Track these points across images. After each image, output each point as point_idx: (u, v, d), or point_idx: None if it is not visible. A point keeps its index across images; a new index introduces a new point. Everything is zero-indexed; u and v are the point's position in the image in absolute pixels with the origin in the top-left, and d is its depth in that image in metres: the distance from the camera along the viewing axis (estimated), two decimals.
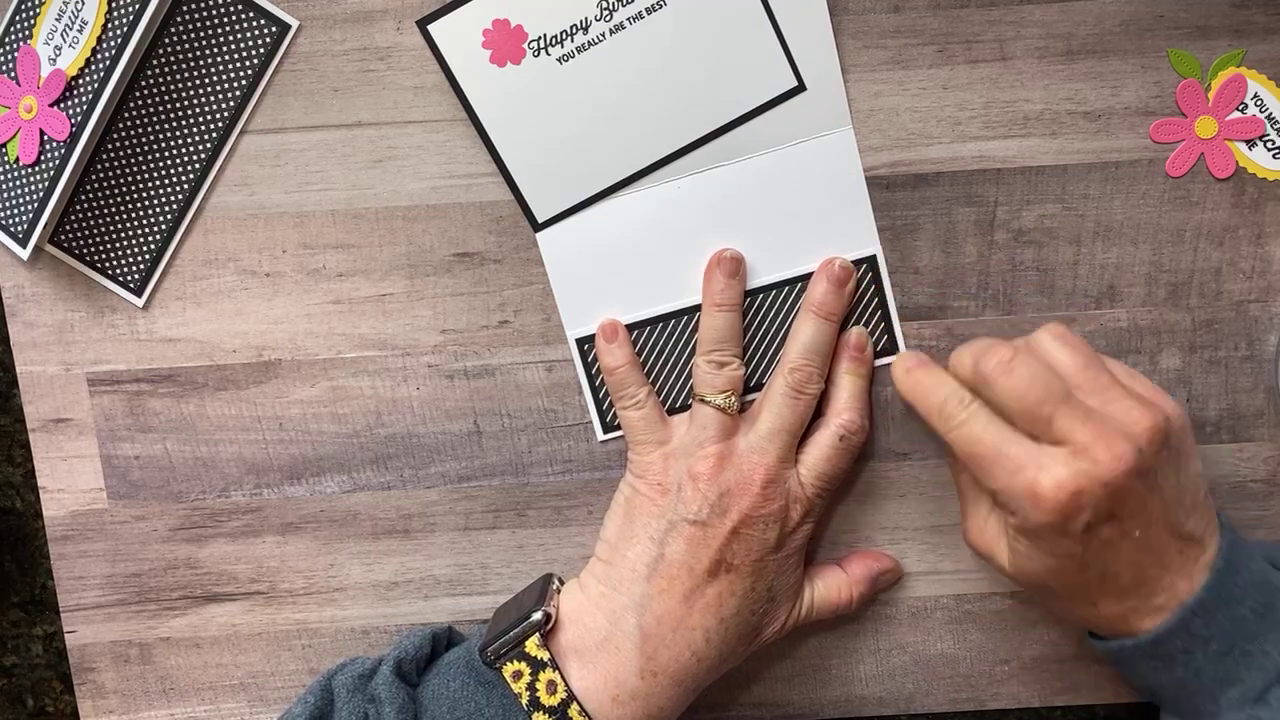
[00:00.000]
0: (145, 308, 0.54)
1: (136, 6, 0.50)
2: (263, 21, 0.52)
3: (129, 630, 0.57)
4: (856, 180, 0.52)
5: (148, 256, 0.54)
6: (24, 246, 0.52)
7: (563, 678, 0.48)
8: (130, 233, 0.54)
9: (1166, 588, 0.46)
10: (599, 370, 0.54)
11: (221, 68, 0.52)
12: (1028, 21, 0.51)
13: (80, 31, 0.50)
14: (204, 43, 0.52)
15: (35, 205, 0.52)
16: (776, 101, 0.52)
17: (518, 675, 0.48)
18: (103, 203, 0.53)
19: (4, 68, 0.52)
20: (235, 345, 0.55)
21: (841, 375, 0.52)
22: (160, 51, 0.52)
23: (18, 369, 0.55)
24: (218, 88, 0.52)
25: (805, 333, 0.51)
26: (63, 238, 0.54)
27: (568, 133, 0.52)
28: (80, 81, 0.51)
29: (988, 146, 0.52)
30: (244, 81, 0.52)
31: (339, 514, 0.56)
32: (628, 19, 0.51)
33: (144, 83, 0.52)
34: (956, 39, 0.52)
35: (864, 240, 0.53)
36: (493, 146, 0.52)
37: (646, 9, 0.51)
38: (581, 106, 0.52)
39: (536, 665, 0.48)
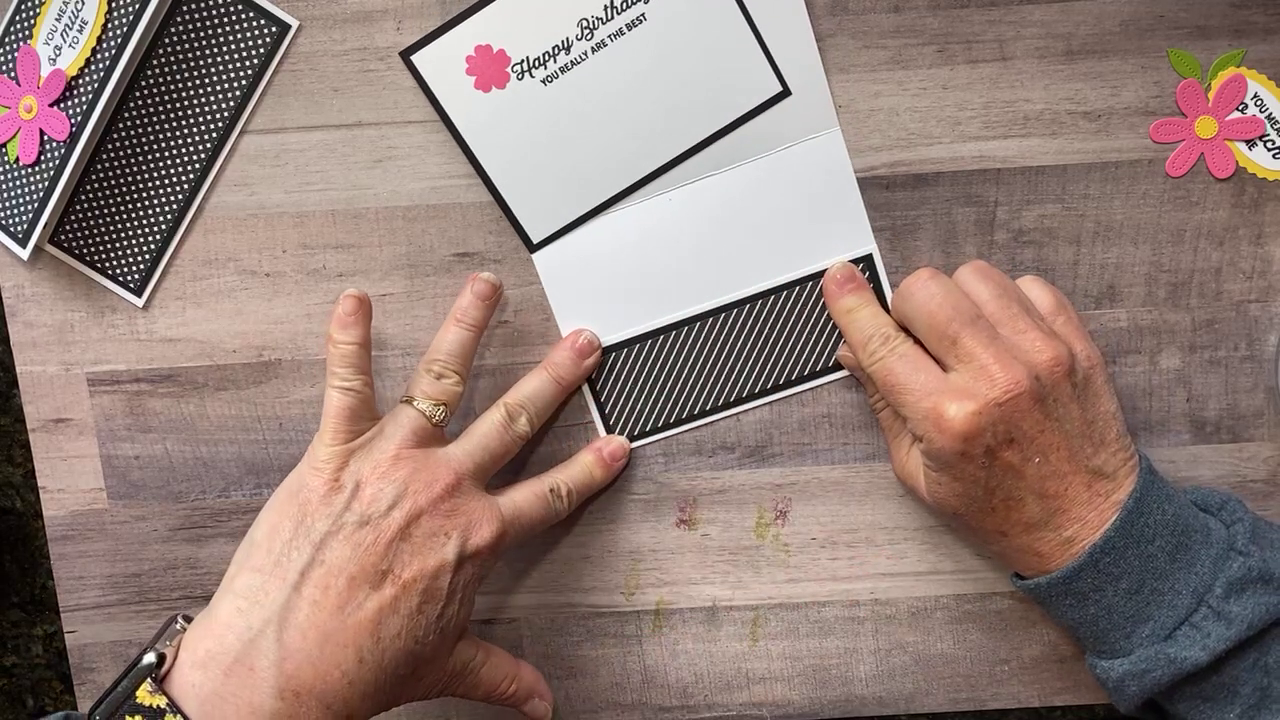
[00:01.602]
0: (145, 308, 0.55)
1: (136, 6, 0.50)
2: (263, 21, 0.52)
3: (129, 630, 0.57)
4: (848, 180, 0.53)
5: (148, 256, 0.54)
6: (24, 246, 0.52)
7: (185, 718, 0.42)
8: (130, 233, 0.54)
9: (1076, 521, 0.47)
10: (602, 380, 0.54)
11: (221, 68, 0.52)
12: (1028, 21, 0.51)
13: (80, 31, 0.50)
14: (204, 43, 0.52)
15: (35, 205, 0.52)
16: (762, 108, 0.52)
17: None
18: (103, 203, 0.53)
19: (4, 68, 0.52)
20: (235, 345, 0.55)
21: (580, 453, 0.54)
22: (160, 51, 0.52)
23: (18, 369, 0.55)
24: (218, 88, 0.52)
25: (531, 383, 0.52)
26: (63, 238, 0.54)
27: (557, 153, 0.52)
28: (80, 81, 0.51)
29: (988, 146, 0.52)
30: (244, 81, 0.52)
31: None
32: (609, 36, 0.51)
33: (144, 83, 0.52)
34: (956, 39, 0.52)
35: (859, 240, 0.53)
36: (483, 171, 0.52)
37: (627, 25, 0.51)
38: (569, 126, 0.52)
39: (154, 715, 0.42)
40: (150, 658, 0.43)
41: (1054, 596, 0.49)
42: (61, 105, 0.51)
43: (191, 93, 0.52)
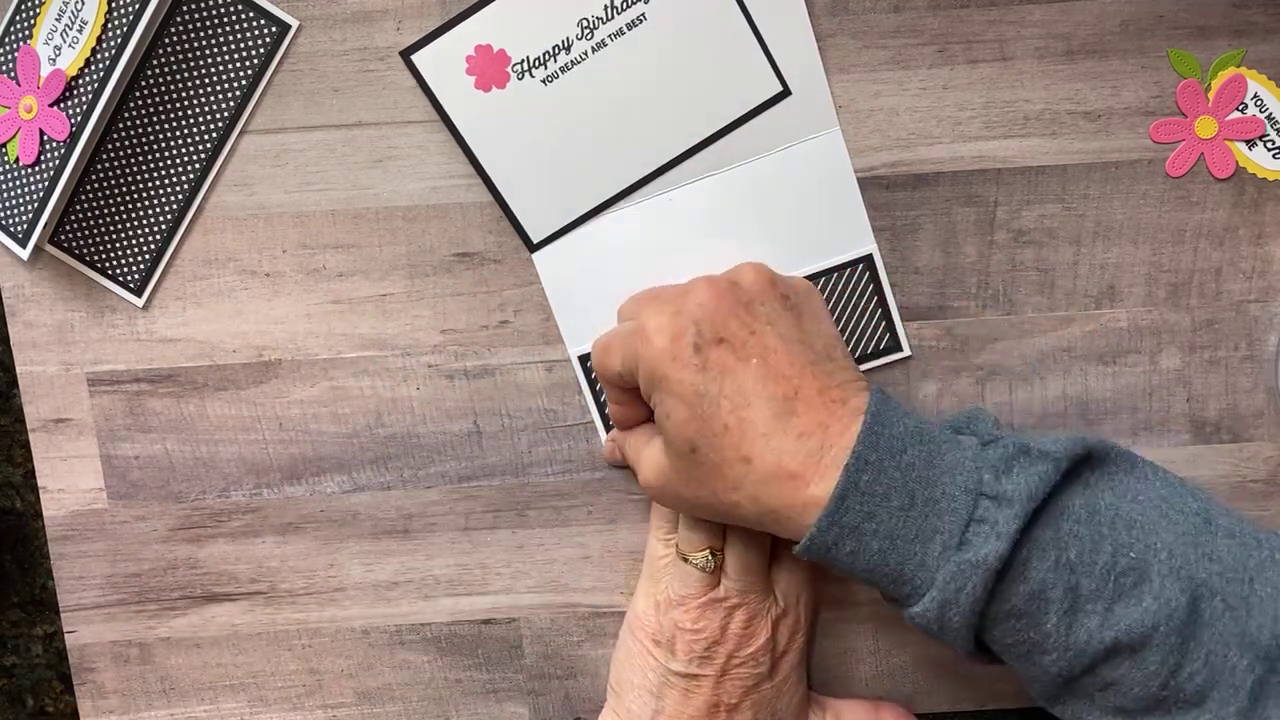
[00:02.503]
0: (145, 308, 0.54)
1: (136, 6, 0.50)
2: (263, 21, 0.52)
3: (129, 630, 0.57)
4: (848, 180, 0.53)
5: (148, 256, 0.54)
6: (24, 246, 0.52)
7: None
8: (130, 233, 0.54)
9: (817, 427, 0.44)
10: (601, 385, 0.54)
11: (221, 68, 0.52)
12: (1028, 21, 0.51)
13: (80, 31, 0.50)
14: (204, 43, 0.52)
15: (35, 205, 0.52)
16: (763, 108, 0.52)
17: None
18: (103, 203, 0.53)
19: (4, 68, 0.52)
20: (235, 345, 0.55)
21: None
22: (160, 51, 0.52)
23: (18, 369, 0.55)
24: (218, 88, 0.52)
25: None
26: (63, 238, 0.54)
27: (557, 152, 0.52)
28: (80, 81, 0.51)
29: (988, 146, 0.52)
30: (244, 81, 0.52)
31: (339, 514, 0.56)
32: (609, 36, 0.51)
33: (144, 83, 0.52)
34: (956, 39, 0.52)
35: (859, 240, 0.53)
36: (483, 170, 0.52)
37: (627, 25, 0.51)
38: (569, 126, 0.52)
39: None
40: None
41: (831, 543, 0.45)
42: (61, 105, 0.51)
43: (191, 93, 0.52)
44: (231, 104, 0.52)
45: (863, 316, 0.54)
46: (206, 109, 0.52)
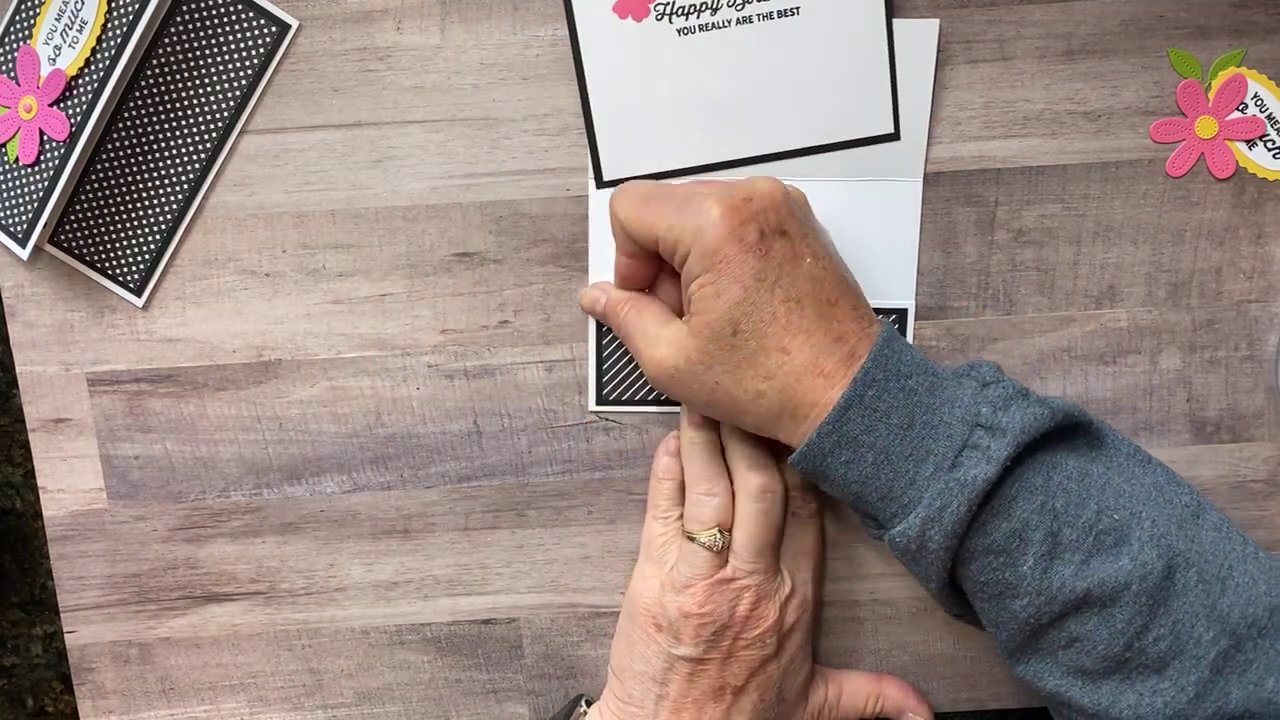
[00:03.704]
0: (145, 308, 0.54)
1: (136, 6, 0.50)
2: (263, 21, 0.52)
3: (129, 630, 0.57)
4: (911, 231, 0.53)
5: (148, 256, 0.54)
6: (24, 246, 0.52)
7: None
8: (130, 233, 0.54)
9: (851, 337, 0.46)
10: (610, 339, 0.54)
11: (221, 68, 0.52)
12: (1028, 21, 0.51)
13: (80, 31, 0.50)
14: (204, 43, 0.52)
15: (35, 205, 0.52)
16: (867, 141, 0.52)
17: None
18: (103, 203, 0.53)
19: (4, 68, 0.52)
20: (235, 345, 0.55)
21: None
22: (160, 51, 0.52)
23: (18, 369, 0.55)
24: (218, 88, 0.52)
25: (754, 454, 0.51)
26: (63, 238, 0.54)
27: (661, 104, 0.52)
28: (80, 81, 0.51)
29: (988, 146, 0.52)
30: (244, 81, 0.52)
31: (339, 514, 0.56)
32: (757, 15, 0.50)
33: (144, 83, 0.52)
34: (956, 39, 0.52)
35: (901, 292, 0.53)
36: (585, 92, 0.52)
37: (778, 11, 0.50)
38: (683, 84, 0.51)
39: None
40: None
41: (828, 450, 0.46)
42: (61, 105, 0.51)
43: (191, 93, 0.52)
44: (231, 104, 0.52)
45: None
46: (206, 109, 0.52)
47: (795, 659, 0.52)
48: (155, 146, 0.53)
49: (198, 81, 0.52)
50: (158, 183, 0.53)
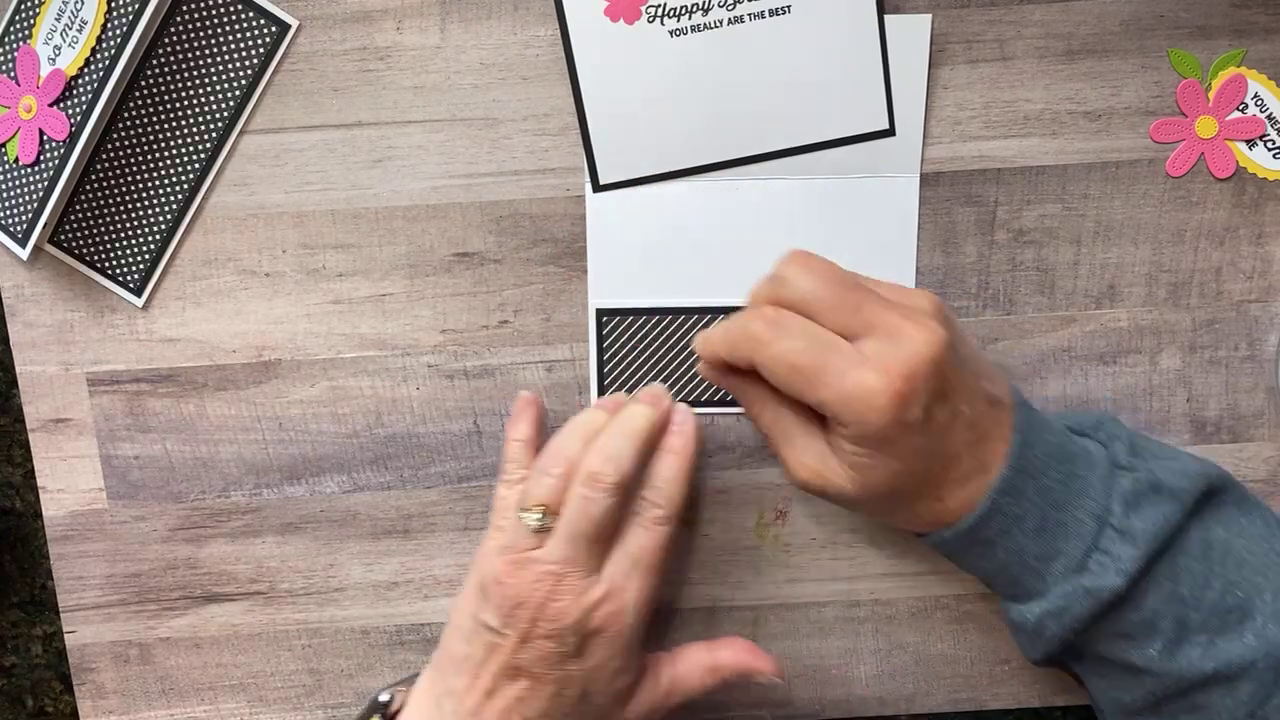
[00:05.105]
0: (145, 308, 0.54)
1: (136, 6, 0.50)
2: (263, 21, 0.52)
3: (129, 630, 0.57)
4: (909, 226, 0.53)
5: (147, 256, 0.54)
6: (24, 246, 0.52)
7: None
8: (130, 233, 0.54)
9: (992, 455, 0.45)
10: (610, 340, 0.54)
11: (221, 68, 0.52)
12: (1028, 21, 0.51)
13: (80, 31, 0.50)
14: (204, 43, 0.52)
15: (35, 205, 0.52)
16: (862, 138, 0.52)
17: None
18: (102, 203, 0.53)
19: (3, 67, 0.52)
20: (235, 345, 0.55)
21: (657, 453, 0.49)
22: (160, 51, 0.52)
23: (18, 369, 0.55)
24: (218, 88, 0.52)
25: (606, 441, 0.48)
26: (62, 238, 0.54)
27: (655, 106, 0.52)
28: (80, 81, 0.51)
29: (988, 146, 0.52)
30: (244, 81, 0.52)
31: (339, 514, 0.56)
32: (749, 15, 0.50)
33: (144, 83, 0.52)
34: (956, 39, 0.52)
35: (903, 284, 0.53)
36: (579, 96, 0.52)
37: (770, 10, 0.50)
38: (677, 85, 0.51)
39: None
40: (385, 695, 0.51)
41: (962, 548, 0.47)
42: (61, 105, 0.51)
43: (191, 93, 0.52)
44: (231, 104, 0.52)
45: None
46: (206, 109, 0.52)
47: (604, 666, 0.48)
48: (155, 146, 0.53)
49: (198, 81, 0.52)
50: (158, 183, 0.53)
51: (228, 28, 0.52)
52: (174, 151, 0.53)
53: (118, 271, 0.54)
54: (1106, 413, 0.51)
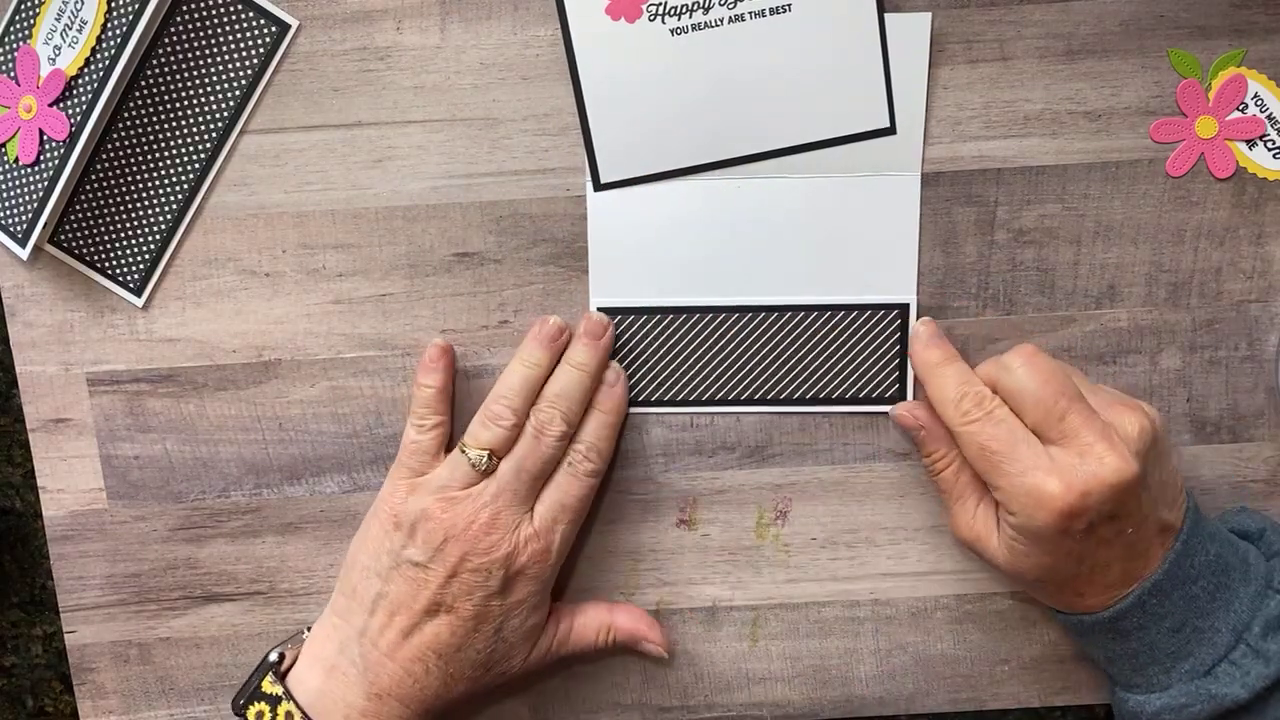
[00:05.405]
0: (145, 308, 0.54)
1: (136, 6, 0.50)
2: (263, 21, 0.52)
3: (129, 630, 0.57)
4: (910, 224, 0.53)
5: (148, 256, 0.54)
6: (24, 246, 0.52)
7: (298, 707, 0.50)
8: (130, 233, 0.54)
9: (1143, 570, 0.48)
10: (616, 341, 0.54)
11: (221, 68, 0.52)
12: (1028, 21, 0.51)
13: (80, 31, 0.50)
14: (204, 43, 0.52)
15: (35, 205, 0.52)
16: (862, 136, 0.52)
17: (260, 715, 0.51)
18: (102, 203, 0.53)
19: (4, 67, 0.52)
20: (235, 345, 0.55)
21: (590, 410, 0.52)
22: (160, 51, 0.52)
23: (18, 369, 0.55)
24: (218, 88, 0.52)
25: (557, 380, 0.51)
26: (62, 238, 0.54)
27: (656, 105, 0.52)
28: (80, 81, 0.51)
29: (988, 146, 0.52)
30: (244, 81, 0.52)
31: (339, 514, 0.56)
32: (750, 13, 0.50)
33: (144, 83, 0.52)
34: (956, 39, 0.52)
35: (902, 287, 0.53)
36: (580, 95, 0.52)
37: (770, 9, 0.50)
38: (678, 84, 0.51)
39: (273, 700, 0.51)
40: (272, 656, 0.52)
41: (1095, 632, 0.50)
42: (61, 105, 0.51)
43: (191, 93, 0.52)
44: (231, 104, 0.52)
45: (877, 362, 0.54)
46: (206, 109, 0.52)
47: (523, 604, 0.51)
48: (155, 146, 0.53)
49: (198, 81, 0.52)
50: (158, 183, 0.53)
51: (228, 28, 0.52)
52: (174, 151, 0.53)
53: (118, 271, 0.54)
54: (1269, 518, 0.52)
